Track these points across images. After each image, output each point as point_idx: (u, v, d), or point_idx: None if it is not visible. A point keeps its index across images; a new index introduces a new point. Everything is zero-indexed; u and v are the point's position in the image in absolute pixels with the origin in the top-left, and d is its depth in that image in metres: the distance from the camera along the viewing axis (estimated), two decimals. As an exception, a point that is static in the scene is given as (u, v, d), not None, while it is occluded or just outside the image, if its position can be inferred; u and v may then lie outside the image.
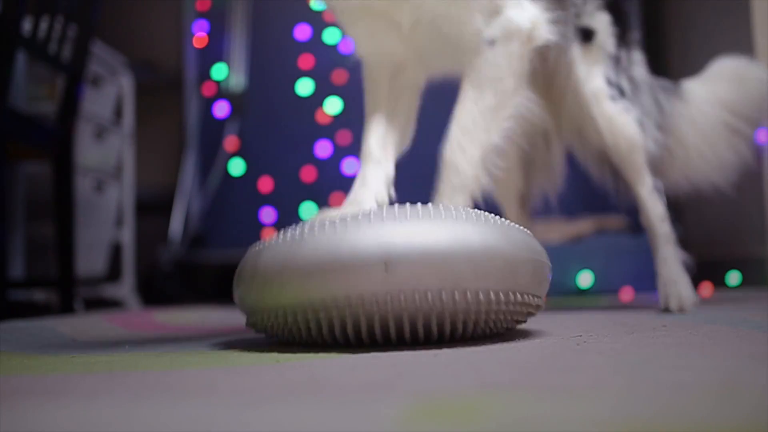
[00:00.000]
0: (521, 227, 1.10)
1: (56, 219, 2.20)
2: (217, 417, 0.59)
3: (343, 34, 1.44)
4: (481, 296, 0.98)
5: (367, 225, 0.98)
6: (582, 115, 1.63)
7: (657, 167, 1.72)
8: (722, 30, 2.99)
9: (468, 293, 0.98)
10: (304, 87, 3.30)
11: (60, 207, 2.21)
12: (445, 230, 0.98)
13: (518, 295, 1.02)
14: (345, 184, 1.70)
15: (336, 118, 3.33)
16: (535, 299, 1.08)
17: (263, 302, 1.03)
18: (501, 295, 1.00)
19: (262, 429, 0.55)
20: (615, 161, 1.67)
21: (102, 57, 2.87)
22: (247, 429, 0.55)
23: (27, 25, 1.98)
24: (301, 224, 1.05)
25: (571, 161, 3.47)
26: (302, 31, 3.34)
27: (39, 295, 2.70)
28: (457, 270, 0.97)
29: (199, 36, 3.50)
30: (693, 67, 3.24)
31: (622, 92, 1.66)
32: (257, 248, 1.08)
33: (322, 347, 1.03)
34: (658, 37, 3.55)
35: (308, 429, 0.54)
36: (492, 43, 1.27)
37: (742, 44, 2.79)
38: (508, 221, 1.08)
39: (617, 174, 1.71)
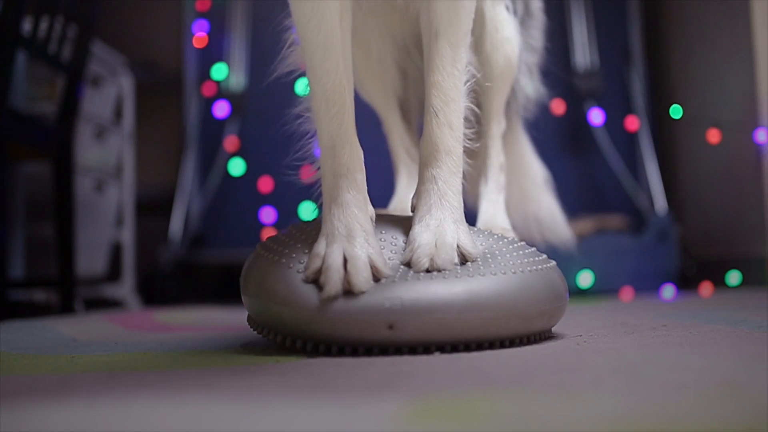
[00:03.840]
0: (546, 265, 1.05)
1: (56, 219, 2.20)
2: (217, 417, 0.59)
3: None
4: (488, 345, 0.97)
5: (375, 286, 0.94)
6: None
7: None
8: (722, 30, 2.99)
9: (474, 345, 0.96)
10: (304, 87, 3.29)
11: (60, 207, 2.21)
12: (456, 290, 0.94)
13: (529, 338, 1.02)
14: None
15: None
16: (546, 334, 1.07)
17: (264, 320, 1.01)
18: (509, 342, 0.99)
19: (262, 429, 0.55)
20: (485, 79, 1.40)
21: (102, 57, 2.87)
22: (247, 429, 0.55)
23: (27, 25, 1.98)
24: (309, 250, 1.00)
25: (571, 163, 3.47)
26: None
27: (39, 295, 2.70)
28: (465, 329, 0.94)
29: (199, 36, 3.50)
30: (693, 67, 3.25)
31: (515, 10, 1.45)
32: (265, 259, 1.02)
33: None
34: (658, 37, 3.55)
35: (308, 429, 0.54)
36: None
37: (742, 44, 2.79)
38: (531, 263, 1.03)
39: (479, 104, 1.41)
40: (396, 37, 1.41)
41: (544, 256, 1.09)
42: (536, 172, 1.73)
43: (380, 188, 1.46)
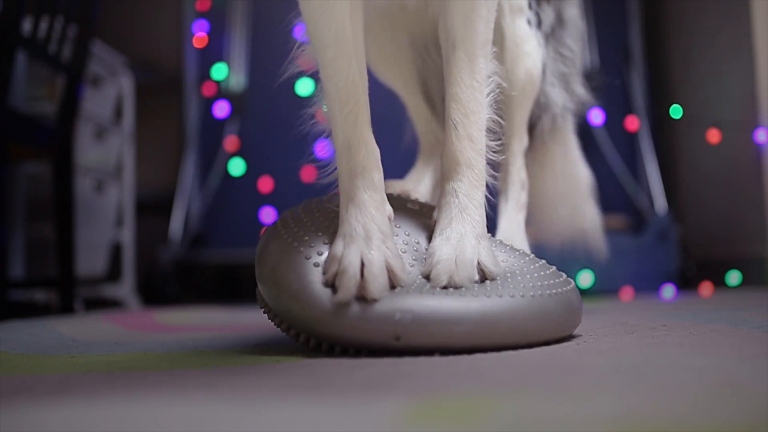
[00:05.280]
0: (565, 288, 1.04)
1: (56, 219, 2.20)
2: (217, 417, 0.59)
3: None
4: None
5: (389, 294, 0.93)
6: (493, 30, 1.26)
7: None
8: (722, 30, 2.99)
9: None
10: (304, 87, 3.30)
11: (60, 207, 2.21)
12: (470, 309, 0.92)
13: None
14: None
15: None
16: None
17: (273, 305, 1.01)
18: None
19: (262, 429, 0.55)
20: (506, 94, 1.36)
21: (102, 57, 2.87)
22: (247, 429, 0.55)
23: (27, 25, 1.98)
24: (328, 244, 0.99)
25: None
26: (302, 31, 3.33)
27: (39, 295, 2.70)
28: (474, 348, 0.93)
29: (199, 36, 3.50)
30: (693, 67, 3.25)
31: (539, 22, 1.43)
32: (282, 241, 1.01)
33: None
34: (658, 37, 3.55)
35: (308, 429, 0.54)
36: None
37: (742, 44, 2.79)
38: (550, 285, 1.01)
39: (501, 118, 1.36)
40: (409, 22, 1.39)
41: (564, 276, 1.07)
42: (584, 181, 1.70)
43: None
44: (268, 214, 3.34)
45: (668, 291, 2.75)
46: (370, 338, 0.92)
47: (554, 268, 1.08)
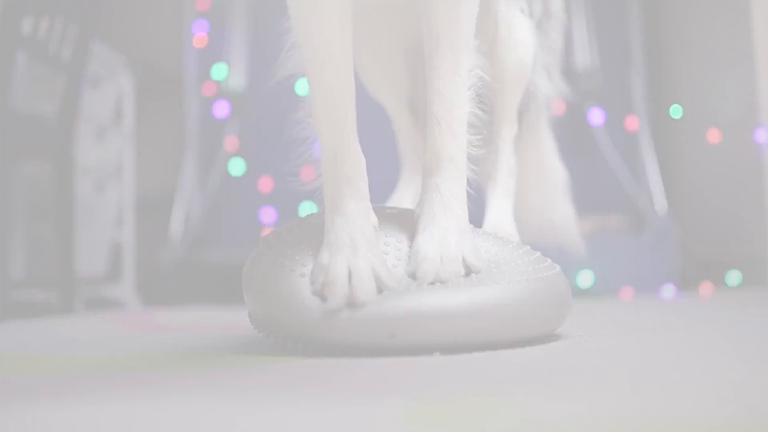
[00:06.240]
0: (551, 272, 1.04)
1: (56, 219, 2.20)
2: (217, 417, 0.59)
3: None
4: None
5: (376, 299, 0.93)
6: (487, 17, 1.31)
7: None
8: (722, 30, 2.99)
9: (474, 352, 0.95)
10: (304, 87, 3.29)
11: (60, 207, 2.21)
12: (459, 300, 0.94)
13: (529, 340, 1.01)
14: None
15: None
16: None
17: (266, 321, 1.01)
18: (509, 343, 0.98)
19: (262, 429, 0.55)
20: (497, 81, 1.38)
21: (102, 57, 2.87)
22: (247, 429, 0.55)
23: (27, 25, 1.98)
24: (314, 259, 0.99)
25: (571, 163, 3.47)
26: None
27: (39, 295, 2.70)
28: (467, 338, 0.93)
29: (199, 36, 3.50)
30: (693, 67, 3.25)
31: (531, 12, 1.44)
32: (268, 259, 1.02)
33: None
34: (658, 37, 3.55)
35: (308, 429, 0.54)
36: None
37: (742, 44, 2.79)
38: (535, 270, 1.02)
39: (491, 103, 1.40)
40: (403, 35, 1.39)
41: (549, 261, 1.07)
42: (558, 175, 1.70)
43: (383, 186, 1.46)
44: (268, 214, 3.33)
45: (668, 291, 2.74)
46: (365, 338, 0.92)
47: (539, 253, 1.08)
